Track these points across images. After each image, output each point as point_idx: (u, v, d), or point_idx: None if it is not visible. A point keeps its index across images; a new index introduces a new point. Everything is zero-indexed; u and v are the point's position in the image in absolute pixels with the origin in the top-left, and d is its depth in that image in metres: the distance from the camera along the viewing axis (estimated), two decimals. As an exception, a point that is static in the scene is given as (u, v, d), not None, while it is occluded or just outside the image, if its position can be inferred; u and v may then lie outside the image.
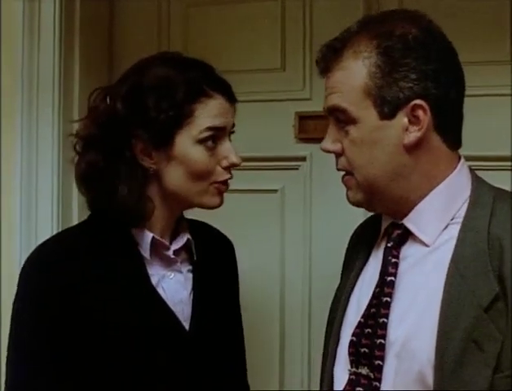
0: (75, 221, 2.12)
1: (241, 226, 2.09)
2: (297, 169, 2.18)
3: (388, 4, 2.06)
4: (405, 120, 1.26)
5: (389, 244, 1.33)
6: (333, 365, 1.36)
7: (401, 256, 1.32)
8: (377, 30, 1.28)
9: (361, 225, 1.57)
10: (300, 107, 2.15)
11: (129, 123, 1.40)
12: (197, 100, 1.40)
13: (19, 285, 1.42)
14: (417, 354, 1.22)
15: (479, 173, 1.37)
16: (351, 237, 1.57)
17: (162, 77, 1.40)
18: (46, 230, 2.07)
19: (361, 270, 1.40)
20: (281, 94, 2.16)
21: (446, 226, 1.29)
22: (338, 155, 1.33)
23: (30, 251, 1.99)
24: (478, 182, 1.33)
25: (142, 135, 1.40)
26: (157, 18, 2.33)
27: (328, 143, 1.34)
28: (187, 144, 1.40)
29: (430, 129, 1.27)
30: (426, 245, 1.29)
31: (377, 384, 1.25)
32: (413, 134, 1.26)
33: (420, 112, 1.26)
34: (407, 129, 1.26)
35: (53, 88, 2.07)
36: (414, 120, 1.26)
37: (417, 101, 1.25)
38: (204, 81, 1.41)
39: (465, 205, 1.29)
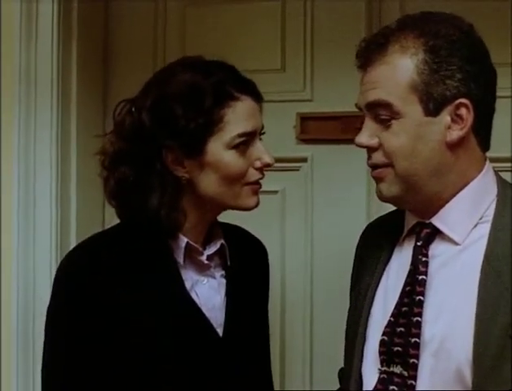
0: (73, 223, 2.14)
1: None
2: (297, 170, 2.18)
3: (390, 6, 2.09)
4: (448, 118, 1.28)
5: (418, 243, 1.34)
6: (360, 365, 1.36)
7: (430, 254, 1.32)
8: (422, 29, 1.29)
9: (374, 223, 1.57)
10: (301, 109, 2.14)
11: (157, 134, 1.38)
12: (226, 105, 1.38)
13: (54, 288, 1.42)
14: (455, 353, 1.23)
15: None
16: (363, 236, 1.56)
17: (187, 84, 1.38)
18: (45, 231, 2.07)
19: (383, 269, 1.40)
20: (282, 95, 2.15)
21: (475, 226, 1.31)
22: (373, 150, 1.33)
23: (27, 253, 2.02)
24: (503, 183, 1.35)
25: (172, 145, 1.38)
26: (154, 18, 2.32)
27: (363, 138, 1.33)
28: (219, 150, 1.38)
29: (470, 130, 1.30)
30: (456, 243, 1.31)
31: (413, 382, 1.26)
32: (456, 133, 1.28)
33: (464, 111, 1.28)
34: (449, 128, 1.28)
35: (51, 90, 2.06)
36: (456, 118, 1.28)
37: (463, 100, 1.27)
38: (230, 83, 1.40)
39: (493, 205, 1.31)
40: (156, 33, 2.32)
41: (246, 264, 1.54)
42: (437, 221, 1.32)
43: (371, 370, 1.33)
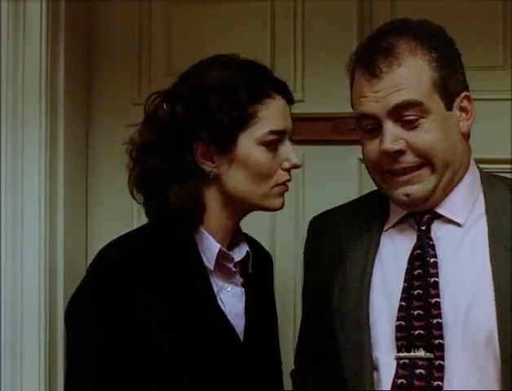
0: (61, 223, 2.11)
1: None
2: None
3: (381, 6, 2.09)
4: (457, 110, 1.37)
5: (422, 227, 1.38)
6: (370, 355, 1.36)
7: (433, 237, 1.37)
8: (419, 34, 1.36)
9: (328, 215, 1.61)
10: (292, 109, 2.11)
11: (191, 125, 1.38)
12: (260, 101, 1.39)
13: (87, 286, 1.40)
14: (482, 326, 1.27)
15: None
16: (318, 227, 1.60)
17: (224, 79, 1.39)
18: (33, 231, 2.04)
19: (373, 260, 1.41)
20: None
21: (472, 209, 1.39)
22: (400, 153, 1.34)
23: (15, 253, 2.00)
24: (480, 170, 1.46)
25: (204, 138, 1.38)
26: (139, 18, 2.29)
27: (389, 143, 1.34)
28: (249, 146, 1.39)
29: None
30: (459, 225, 1.37)
31: (441, 362, 1.29)
32: (467, 123, 1.38)
33: (467, 103, 1.37)
34: (459, 120, 1.37)
35: (39, 89, 2.03)
36: (461, 111, 1.37)
37: (466, 93, 1.38)
38: (265, 81, 1.41)
39: (481, 189, 1.41)
40: (141, 33, 2.29)
41: (259, 272, 1.54)
42: (441, 209, 1.38)
43: (385, 358, 1.34)
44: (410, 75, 1.32)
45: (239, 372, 1.41)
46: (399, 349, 1.31)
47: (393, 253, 1.40)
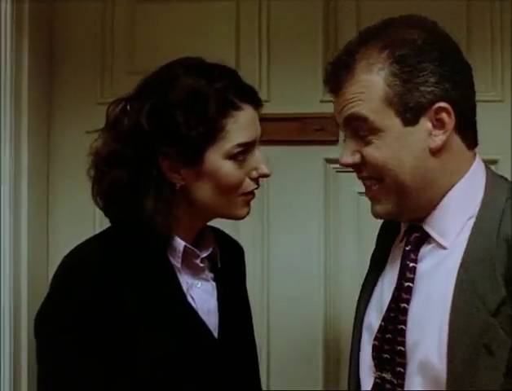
0: (25, 227, 2.07)
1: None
2: (253, 171, 2.15)
3: (346, 6, 2.09)
4: (429, 124, 1.25)
5: (407, 248, 1.32)
6: (357, 369, 1.36)
7: (419, 257, 1.31)
8: (384, 40, 1.26)
9: (383, 225, 1.54)
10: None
11: (155, 140, 1.34)
12: (228, 114, 1.35)
13: (55, 293, 1.36)
14: (431, 360, 1.22)
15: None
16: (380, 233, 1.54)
17: (190, 90, 1.34)
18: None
19: (381, 271, 1.40)
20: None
21: (465, 225, 1.28)
22: (359, 165, 1.30)
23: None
24: (492, 180, 1.32)
25: (170, 152, 1.34)
26: (101, 16, 2.26)
27: (346, 157, 1.30)
28: (217, 160, 1.35)
29: (453, 132, 1.27)
30: (445, 248, 1.28)
31: (400, 389, 1.26)
32: (439, 138, 1.26)
33: (444, 115, 1.25)
34: (431, 134, 1.26)
35: (4, 89, 1.98)
36: (437, 123, 1.25)
37: (441, 104, 1.25)
38: (232, 91, 1.36)
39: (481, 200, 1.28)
40: (104, 32, 2.27)
41: (229, 266, 1.52)
42: (427, 226, 1.30)
43: (367, 374, 1.33)
44: (361, 90, 1.25)
45: (215, 369, 1.40)
46: (375, 368, 1.31)
47: (391, 270, 1.37)
